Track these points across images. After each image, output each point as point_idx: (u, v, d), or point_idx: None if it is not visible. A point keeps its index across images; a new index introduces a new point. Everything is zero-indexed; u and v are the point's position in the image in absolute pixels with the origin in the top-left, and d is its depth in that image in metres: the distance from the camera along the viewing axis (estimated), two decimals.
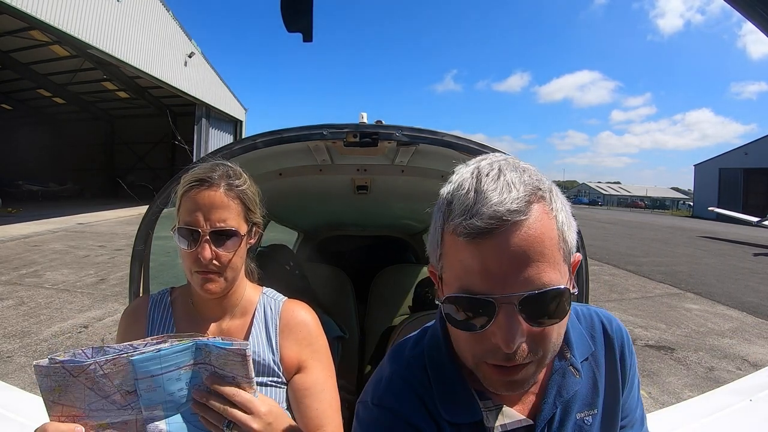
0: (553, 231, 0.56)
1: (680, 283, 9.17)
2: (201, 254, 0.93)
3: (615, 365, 0.75)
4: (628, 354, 0.77)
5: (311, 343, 1.07)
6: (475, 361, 0.60)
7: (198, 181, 0.96)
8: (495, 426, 0.67)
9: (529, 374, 0.59)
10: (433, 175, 1.74)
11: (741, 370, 4.68)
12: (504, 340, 0.54)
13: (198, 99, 22.13)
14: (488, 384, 0.61)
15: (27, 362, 4.18)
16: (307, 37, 0.81)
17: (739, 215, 22.46)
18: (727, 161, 40.21)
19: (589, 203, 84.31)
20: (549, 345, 0.58)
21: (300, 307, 1.12)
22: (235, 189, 0.99)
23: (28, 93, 26.21)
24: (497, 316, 0.54)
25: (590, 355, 0.73)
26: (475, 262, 0.54)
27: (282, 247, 1.99)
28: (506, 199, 0.53)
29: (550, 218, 0.56)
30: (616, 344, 0.76)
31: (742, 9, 0.65)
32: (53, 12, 12.15)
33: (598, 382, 0.73)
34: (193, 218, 0.94)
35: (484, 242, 0.54)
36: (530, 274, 0.53)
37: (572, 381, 0.69)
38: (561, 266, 0.57)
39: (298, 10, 0.78)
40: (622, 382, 0.75)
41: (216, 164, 1.01)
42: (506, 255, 0.53)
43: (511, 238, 0.53)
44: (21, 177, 25.48)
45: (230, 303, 1.06)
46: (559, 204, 0.58)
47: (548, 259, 0.54)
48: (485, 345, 0.57)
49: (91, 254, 9.88)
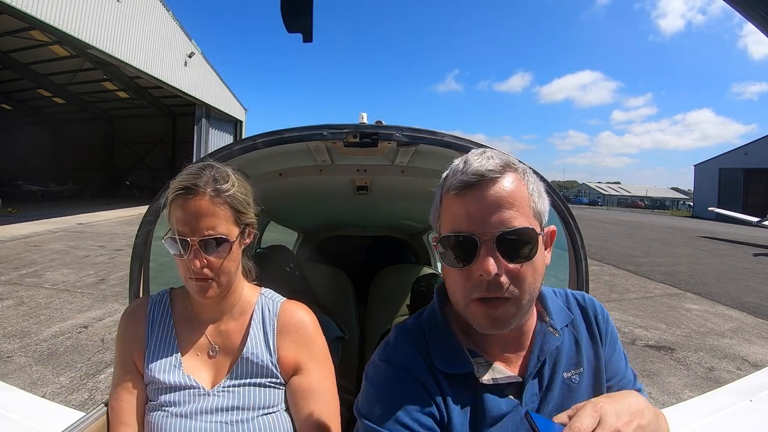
0: (523, 192, 0.71)
1: (680, 284, 9.17)
2: (191, 263, 0.93)
3: (592, 327, 0.87)
4: (602, 318, 0.88)
5: (309, 345, 1.07)
6: (465, 300, 0.72)
7: (183, 190, 0.94)
8: (485, 378, 0.76)
9: (509, 313, 0.71)
10: (433, 175, 1.74)
11: (741, 370, 4.67)
12: (485, 268, 0.67)
13: (198, 99, 22.12)
14: (476, 322, 0.73)
15: (27, 362, 4.18)
16: (307, 37, 0.81)
17: (739, 215, 22.46)
18: (727, 161, 40.20)
19: (589, 203, 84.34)
20: (525, 284, 0.70)
21: (298, 307, 1.11)
22: (223, 194, 0.96)
23: (28, 93, 26.19)
24: (479, 251, 0.68)
25: (570, 323, 0.85)
26: (462, 209, 0.70)
27: (281, 248, 1.99)
28: (486, 163, 0.71)
29: (521, 183, 0.72)
30: (589, 311, 0.88)
31: (741, 9, 0.65)
32: (53, 12, 12.14)
33: (580, 343, 0.83)
34: (182, 227, 0.93)
35: (468, 193, 0.70)
36: (504, 217, 0.69)
37: (552, 339, 0.80)
38: (531, 220, 0.71)
39: (298, 11, 0.78)
40: (601, 341, 0.86)
41: (202, 168, 0.99)
42: (485, 202, 0.69)
43: (489, 190, 0.70)
44: (21, 177, 25.45)
45: (228, 304, 1.06)
46: (530, 179, 0.75)
47: (519, 210, 0.70)
48: (472, 281, 0.70)
49: (91, 254, 9.88)
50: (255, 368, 1.02)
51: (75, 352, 4.49)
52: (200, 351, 1.04)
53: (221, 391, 0.99)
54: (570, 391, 0.79)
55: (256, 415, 0.99)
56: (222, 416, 0.97)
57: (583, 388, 0.80)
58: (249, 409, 0.99)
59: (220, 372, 1.03)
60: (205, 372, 1.02)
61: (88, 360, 4.30)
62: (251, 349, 1.03)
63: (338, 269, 2.52)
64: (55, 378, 3.90)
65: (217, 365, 1.03)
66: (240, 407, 0.98)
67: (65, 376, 3.94)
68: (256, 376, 1.01)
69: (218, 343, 1.05)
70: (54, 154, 32.00)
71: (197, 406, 0.98)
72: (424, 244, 3.51)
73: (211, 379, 1.02)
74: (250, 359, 1.02)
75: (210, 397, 0.98)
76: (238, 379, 1.01)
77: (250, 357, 1.02)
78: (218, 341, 1.05)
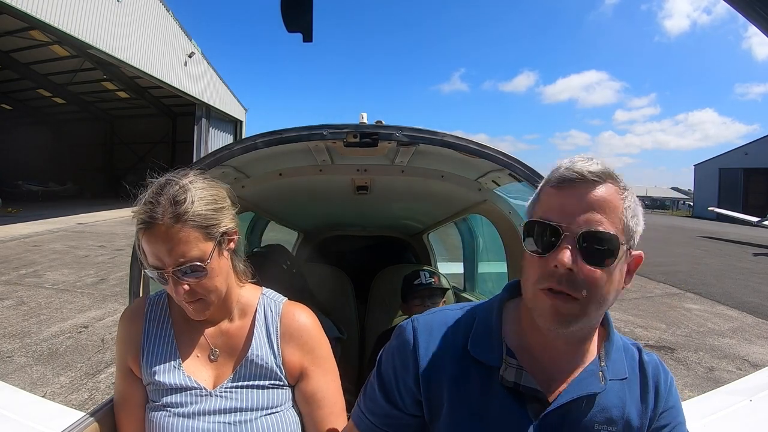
0: (618, 203, 0.71)
1: (680, 283, 9.17)
2: (175, 291, 0.92)
3: (647, 392, 0.81)
4: (664, 386, 0.82)
5: (313, 349, 1.06)
6: (533, 289, 0.72)
7: (143, 224, 0.91)
8: (507, 378, 0.77)
9: (573, 312, 0.70)
10: (433, 175, 1.74)
11: (741, 370, 4.68)
12: (560, 259, 0.68)
13: (198, 99, 22.10)
14: (538, 313, 0.72)
15: (27, 362, 4.19)
16: (307, 37, 0.81)
17: (739, 215, 22.45)
18: (727, 161, 40.15)
19: None
20: (596, 290, 0.69)
21: (300, 310, 1.10)
22: (182, 218, 0.90)
23: (28, 93, 26.16)
24: (561, 242, 0.69)
25: (625, 379, 0.80)
26: (557, 202, 0.72)
27: (279, 247, 1.98)
28: (589, 165, 0.72)
29: (618, 195, 0.72)
30: (650, 375, 0.82)
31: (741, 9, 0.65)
32: (53, 12, 12.13)
33: (626, 405, 0.78)
34: (153, 260, 0.91)
35: (566, 189, 0.72)
36: (593, 219, 0.69)
37: (596, 383, 0.76)
38: (619, 231, 0.70)
39: (298, 10, 0.78)
40: (654, 407, 0.80)
41: (159, 191, 0.92)
42: (579, 201, 0.70)
43: (585, 191, 0.71)
44: (21, 177, 25.44)
45: (225, 308, 1.05)
46: (629, 196, 0.74)
47: (609, 218, 0.70)
48: (546, 269, 0.70)
49: (91, 254, 9.88)
50: (259, 370, 1.01)
51: (75, 352, 4.49)
52: (200, 352, 1.04)
53: (224, 392, 0.99)
54: None
55: (260, 415, 0.98)
56: (225, 417, 0.97)
57: None
58: (252, 410, 0.98)
59: (222, 373, 1.02)
60: (205, 373, 1.02)
61: (88, 360, 4.31)
62: (255, 350, 1.02)
63: (338, 269, 2.52)
64: (55, 378, 3.90)
65: (219, 366, 1.03)
66: (243, 408, 0.98)
67: (65, 376, 3.94)
68: (260, 378, 1.01)
69: (219, 345, 1.04)
70: (54, 154, 31.96)
71: (200, 407, 0.97)
72: (424, 243, 3.51)
73: (212, 380, 1.01)
74: (255, 361, 1.01)
75: (212, 398, 0.98)
76: (242, 380, 1.00)
77: (254, 359, 1.01)
78: (219, 342, 1.04)
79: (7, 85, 24.49)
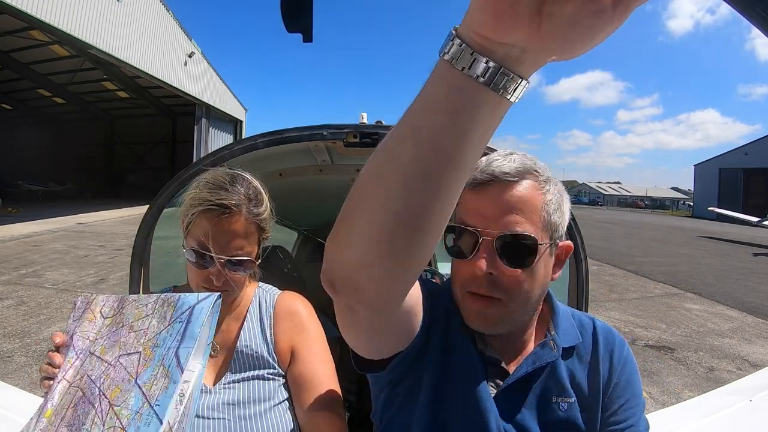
0: (537, 200, 0.71)
1: (680, 283, 9.17)
2: (213, 279, 0.93)
3: (599, 359, 0.81)
4: (618, 355, 0.82)
5: (302, 331, 1.07)
6: (461, 292, 0.75)
7: (218, 207, 0.92)
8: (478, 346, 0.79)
9: (498, 314, 0.72)
10: None
11: (741, 370, 4.68)
12: (478, 264, 0.69)
13: (198, 99, 22.11)
14: (466, 315, 0.75)
15: (27, 362, 4.18)
16: (307, 37, 0.81)
17: (739, 215, 22.46)
18: (727, 161, 40.20)
19: (590, 203, 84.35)
20: (517, 291, 0.71)
21: (294, 297, 1.12)
22: (256, 216, 0.96)
23: (28, 93, 26.15)
24: (479, 247, 0.69)
25: (576, 346, 0.81)
26: (472, 205, 0.71)
27: (277, 247, 1.99)
28: (504, 166, 0.71)
29: (537, 192, 0.71)
30: (601, 342, 0.83)
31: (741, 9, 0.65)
32: (53, 12, 12.13)
33: (576, 372, 0.80)
34: (208, 243, 0.92)
35: (481, 191, 0.71)
36: (509, 221, 0.69)
37: (549, 353, 0.78)
38: (538, 229, 0.71)
39: (298, 10, 0.78)
40: (608, 377, 0.80)
41: (233, 181, 0.96)
42: (494, 203, 0.70)
43: (501, 193, 0.70)
44: (21, 177, 25.41)
45: (232, 306, 1.06)
46: (551, 189, 0.73)
47: (527, 217, 0.70)
48: (468, 274, 0.72)
49: (91, 254, 9.88)
50: (251, 360, 1.02)
51: None
52: None
53: (224, 387, 0.99)
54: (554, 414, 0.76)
55: (261, 409, 0.98)
56: (226, 412, 0.97)
57: (571, 418, 0.77)
58: (252, 403, 0.98)
59: (221, 369, 1.03)
60: (206, 370, 1.02)
61: None
62: (245, 341, 1.03)
63: None
64: None
65: (218, 363, 1.03)
66: (244, 401, 0.98)
67: None
68: (254, 368, 1.01)
69: (218, 342, 1.05)
70: (54, 154, 31.97)
71: (201, 404, 0.98)
72: None
73: (213, 377, 1.02)
74: (245, 351, 1.02)
75: (213, 395, 0.98)
76: (239, 373, 1.01)
77: (244, 349, 1.02)
78: (218, 339, 1.05)
79: (7, 85, 24.49)
